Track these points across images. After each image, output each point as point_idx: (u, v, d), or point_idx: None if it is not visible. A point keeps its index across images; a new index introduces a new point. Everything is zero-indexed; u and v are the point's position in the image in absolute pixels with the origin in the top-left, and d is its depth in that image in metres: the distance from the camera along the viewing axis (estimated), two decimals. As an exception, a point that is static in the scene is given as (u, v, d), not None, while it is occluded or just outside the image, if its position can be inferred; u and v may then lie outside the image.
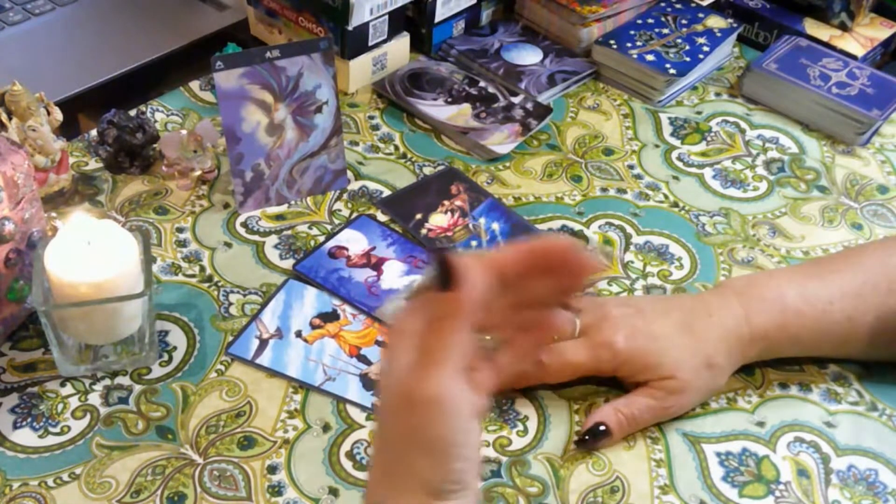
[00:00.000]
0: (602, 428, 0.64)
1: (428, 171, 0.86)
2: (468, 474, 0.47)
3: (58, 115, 0.77)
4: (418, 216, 0.81)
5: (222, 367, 0.69)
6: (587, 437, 0.64)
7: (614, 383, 0.68)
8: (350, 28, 0.89)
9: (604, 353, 0.65)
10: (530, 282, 0.49)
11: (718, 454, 0.66)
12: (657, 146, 0.92)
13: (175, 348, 0.70)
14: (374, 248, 0.78)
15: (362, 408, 0.67)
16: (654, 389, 0.65)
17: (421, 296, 0.48)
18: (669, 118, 0.95)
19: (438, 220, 0.81)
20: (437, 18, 0.98)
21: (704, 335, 0.66)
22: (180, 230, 0.79)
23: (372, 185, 0.84)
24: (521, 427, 0.66)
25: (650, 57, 0.96)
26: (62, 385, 0.67)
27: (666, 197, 0.86)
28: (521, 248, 0.49)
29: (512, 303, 0.50)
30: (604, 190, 0.86)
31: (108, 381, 0.67)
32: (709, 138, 0.93)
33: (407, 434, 0.47)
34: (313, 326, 0.72)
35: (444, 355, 0.46)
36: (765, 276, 0.71)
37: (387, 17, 0.92)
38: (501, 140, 0.89)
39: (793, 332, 0.67)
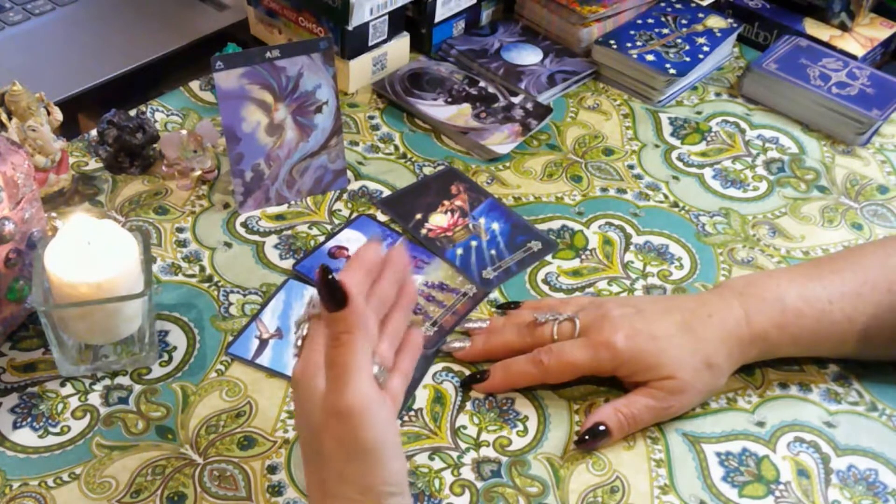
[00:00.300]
0: (602, 428, 0.64)
1: (428, 171, 0.86)
2: (403, 475, 0.51)
3: (58, 115, 0.77)
4: (418, 216, 0.81)
5: (222, 367, 0.69)
6: (587, 437, 0.64)
7: (614, 383, 0.68)
8: (350, 28, 0.89)
9: (603, 353, 0.65)
10: (377, 291, 0.53)
11: (718, 454, 0.66)
12: (657, 146, 0.92)
13: (175, 348, 0.70)
14: (374, 248, 0.78)
15: (362, 408, 0.67)
16: (654, 389, 0.65)
17: (315, 324, 0.52)
18: (669, 118, 0.95)
19: (438, 220, 0.81)
20: (437, 18, 0.98)
21: (704, 335, 0.66)
22: (180, 230, 0.79)
23: (372, 185, 0.84)
24: (521, 427, 0.66)
25: (650, 57, 0.96)
26: (62, 385, 0.67)
27: (666, 197, 0.86)
28: (354, 266, 0.52)
29: (377, 318, 0.54)
30: (604, 190, 0.86)
31: (108, 381, 0.67)
32: (709, 138, 0.93)
33: (339, 447, 0.49)
34: (313, 326, 0.72)
35: (356, 367, 0.49)
36: (764, 276, 0.70)
37: (387, 17, 0.93)
38: (501, 140, 0.89)
39: (793, 332, 0.67)
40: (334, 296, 0.49)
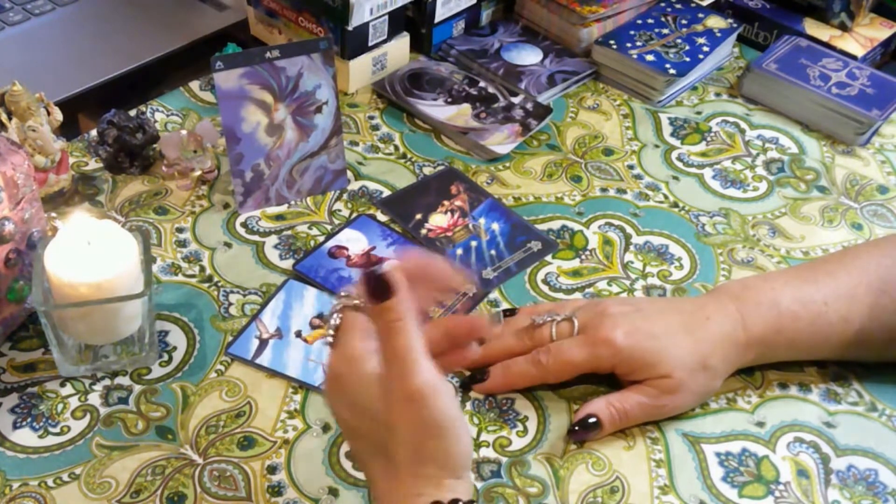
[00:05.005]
0: (593, 420, 0.64)
1: (428, 171, 0.86)
2: (471, 450, 0.52)
3: (58, 115, 0.77)
4: (418, 216, 0.81)
5: (222, 367, 0.69)
6: (577, 428, 0.65)
7: (613, 383, 0.68)
8: (350, 28, 0.89)
9: (603, 350, 0.65)
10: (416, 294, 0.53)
11: (718, 454, 0.66)
12: (657, 146, 0.92)
13: (175, 348, 0.70)
14: (374, 248, 0.78)
15: (362, 408, 0.67)
16: (649, 387, 0.65)
17: (350, 315, 0.53)
18: (669, 118, 0.95)
19: (438, 220, 0.81)
20: (437, 18, 0.98)
21: (702, 337, 0.66)
22: (180, 230, 0.79)
23: (372, 185, 0.84)
24: (520, 427, 0.66)
25: (650, 57, 0.96)
26: (62, 385, 0.67)
27: (666, 197, 0.86)
28: (396, 263, 0.52)
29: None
30: (604, 190, 0.86)
31: (108, 381, 0.67)
32: (709, 138, 0.93)
33: (414, 429, 0.50)
34: (313, 326, 0.72)
35: (416, 351, 0.50)
36: (760, 279, 0.70)
37: (387, 17, 0.93)
38: (501, 140, 0.89)
39: (789, 335, 0.67)
40: (380, 286, 0.50)
